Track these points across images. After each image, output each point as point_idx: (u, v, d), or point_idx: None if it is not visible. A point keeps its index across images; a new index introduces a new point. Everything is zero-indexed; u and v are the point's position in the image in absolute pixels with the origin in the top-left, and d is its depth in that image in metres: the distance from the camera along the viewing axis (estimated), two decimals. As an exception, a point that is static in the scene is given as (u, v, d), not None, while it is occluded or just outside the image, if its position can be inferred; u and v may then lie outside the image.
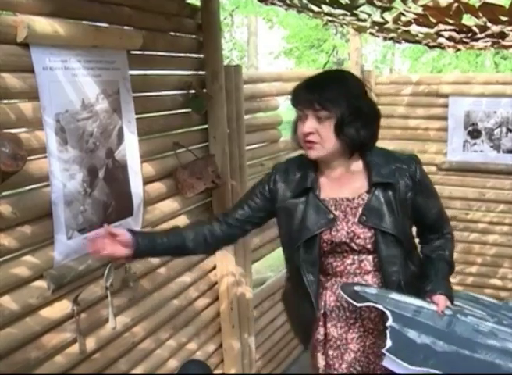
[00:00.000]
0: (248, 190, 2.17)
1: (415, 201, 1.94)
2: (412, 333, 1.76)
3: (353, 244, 1.90)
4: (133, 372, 2.31)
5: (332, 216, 1.90)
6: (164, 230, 2.17)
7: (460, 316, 1.89)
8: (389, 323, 1.76)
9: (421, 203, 1.97)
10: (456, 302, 1.98)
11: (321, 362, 2.05)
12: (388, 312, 1.78)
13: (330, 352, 2.01)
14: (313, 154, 1.89)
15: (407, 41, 3.28)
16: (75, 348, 1.98)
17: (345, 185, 1.94)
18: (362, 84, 1.94)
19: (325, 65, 15.26)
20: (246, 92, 3.02)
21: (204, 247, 2.05)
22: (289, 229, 1.97)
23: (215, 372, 2.94)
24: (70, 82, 1.87)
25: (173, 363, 2.55)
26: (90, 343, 2.05)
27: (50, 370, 1.88)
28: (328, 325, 2.00)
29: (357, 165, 1.95)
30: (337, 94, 1.82)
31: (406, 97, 4.52)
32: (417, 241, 2.09)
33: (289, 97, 1.94)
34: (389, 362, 1.69)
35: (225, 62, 3.35)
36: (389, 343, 1.71)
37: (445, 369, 1.68)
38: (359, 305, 1.84)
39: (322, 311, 2.01)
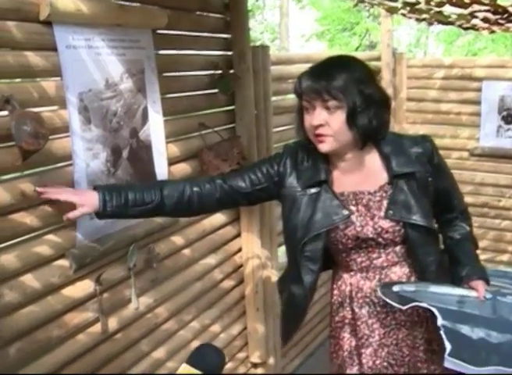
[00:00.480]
0: (255, 163, 2.07)
1: (436, 185, 1.89)
2: (465, 329, 1.71)
3: (380, 239, 1.84)
4: (155, 353, 2.31)
5: (347, 212, 1.81)
6: (140, 188, 1.84)
7: (499, 297, 1.85)
8: (440, 321, 1.69)
9: (442, 186, 1.92)
10: None
11: (346, 346, 1.99)
12: (435, 311, 1.72)
13: (360, 341, 1.95)
14: (325, 147, 1.78)
15: (439, 22, 3.19)
16: (97, 328, 1.98)
17: (362, 177, 1.86)
18: (370, 70, 1.83)
19: (357, 48, 15.04)
20: (274, 73, 2.98)
21: (187, 213, 2.02)
22: (296, 221, 1.86)
23: (239, 355, 2.94)
24: (94, 61, 1.85)
25: (196, 345, 2.52)
26: (113, 323, 2.05)
27: (72, 349, 1.89)
28: (358, 322, 1.94)
29: (372, 155, 1.87)
30: (346, 82, 1.71)
31: (438, 80, 4.42)
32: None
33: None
34: (452, 364, 1.64)
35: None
36: (448, 346, 1.64)
37: (510, 363, 1.65)
38: (405, 307, 1.77)
39: (348, 308, 1.97)
